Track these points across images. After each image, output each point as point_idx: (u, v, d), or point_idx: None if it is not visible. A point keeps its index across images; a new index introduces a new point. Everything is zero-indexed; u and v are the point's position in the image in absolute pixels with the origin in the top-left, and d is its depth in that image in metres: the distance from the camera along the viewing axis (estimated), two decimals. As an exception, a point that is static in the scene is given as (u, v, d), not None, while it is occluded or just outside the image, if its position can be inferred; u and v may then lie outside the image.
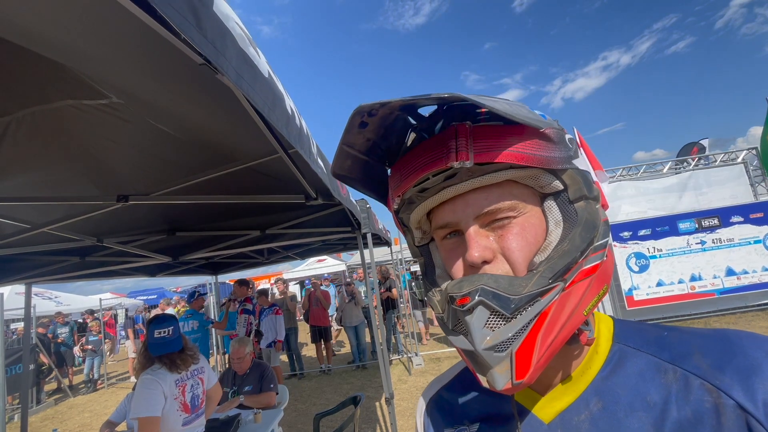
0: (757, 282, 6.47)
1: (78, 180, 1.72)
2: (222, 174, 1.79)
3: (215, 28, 0.58)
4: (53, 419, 6.65)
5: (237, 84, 0.67)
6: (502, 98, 0.43)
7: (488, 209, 0.41)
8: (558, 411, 0.44)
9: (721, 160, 8.02)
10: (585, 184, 0.42)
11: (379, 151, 0.47)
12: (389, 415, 3.19)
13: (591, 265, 0.40)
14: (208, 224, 2.97)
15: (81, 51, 0.84)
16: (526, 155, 0.39)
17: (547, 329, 0.38)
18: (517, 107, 0.40)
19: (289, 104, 0.98)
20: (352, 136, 0.43)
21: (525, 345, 0.37)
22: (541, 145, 0.40)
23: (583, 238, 0.40)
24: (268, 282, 13.73)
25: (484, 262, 0.41)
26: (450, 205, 0.43)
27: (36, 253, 2.61)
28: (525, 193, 0.42)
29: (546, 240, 0.41)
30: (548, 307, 0.38)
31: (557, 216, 0.42)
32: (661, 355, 0.43)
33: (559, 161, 0.41)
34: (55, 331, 9.01)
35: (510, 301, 0.37)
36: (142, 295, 16.82)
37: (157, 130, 1.36)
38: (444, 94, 0.35)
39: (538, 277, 0.38)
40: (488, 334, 0.38)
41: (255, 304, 5.80)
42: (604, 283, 0.43)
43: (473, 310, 0.39)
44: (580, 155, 0.44)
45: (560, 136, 0.42)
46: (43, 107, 1.18)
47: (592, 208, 0.42)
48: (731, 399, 0.37)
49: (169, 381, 2.09)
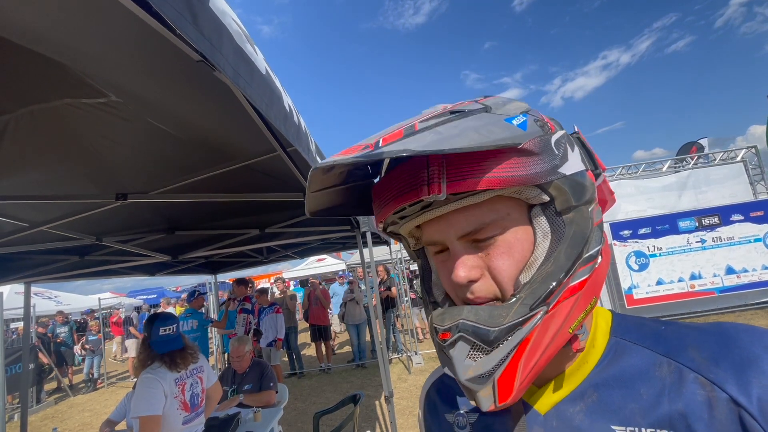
0: (757, 280, 6.47)
1: (77, 178, 1.72)
2: (221, 172, 1.80)
3: (211, 25, 0.58)
4: (53, 418, 6.66)
5: (234, 81, 0.67)
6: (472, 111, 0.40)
7: (470, 230, 0.41)
8: (554, 403, 0.45)
9: (720, 158, 8.02)
10: (573, 192, 0.40)
11: (358, 172, 0.46)
12: (389, 414, 3.20)
13: (578, 281, 0.40)
14: (208, 223, 2.97)
15: (79, 49, 0.84)
16: (502, 179, 0.37)
17: (530, 354, 0.38)
18: (489, 128, 0.37)
19: (287, 101, 0.98)
20: (318, 183, 0.42)
21: (507, 372, 0.38)
22: (519, 163, 0.37)
23: (569, 255, 0.39)
24: (268, 281, 13.73)
25: (470, 281, 0.41)
26: (434, 224, 0.43)
27: (35, 252, 2.61)
28: (510, 205, 0.41)
29: (533, 255, 0.40)
30: (530, 334, 0.38)
31: (545, 227, 0.41)
32: (657, 349, 0.42)
33: (542, 176, 0.38)
34: (54, 330, 9.01)
35: (489, 333, 0.38)
36: (142, 294, 16.84)
37: (156, 129, 1.36)
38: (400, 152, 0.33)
39: (519, 305, 0.38)
40: (470, 366, 0.39)
41: (254, 303, 5.81)
42: (593, 296, 0.42)
43: (455, 344, 0.40)
44: (569, 156, 0.41)
45: (543, 145, 0.39)
46: (42, 106, 1.18)
47: (583, 216, 0.41)
48: (724, 393, 0.36)
49: (169, 380, 2.09)
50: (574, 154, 0.43)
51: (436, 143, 0.34)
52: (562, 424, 0.43)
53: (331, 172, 0.41)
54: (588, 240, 0.41)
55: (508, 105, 0.42)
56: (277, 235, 3.54)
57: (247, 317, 5.61)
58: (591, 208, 0.42)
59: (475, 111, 0.40)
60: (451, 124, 0.38)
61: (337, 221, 3.30)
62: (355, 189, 0.48)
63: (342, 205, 0.48)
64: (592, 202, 0.43)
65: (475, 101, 0.43)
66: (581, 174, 0.42)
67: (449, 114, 0.40)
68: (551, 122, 0.44)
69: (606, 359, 0.44)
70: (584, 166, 0.44)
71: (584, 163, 0.44)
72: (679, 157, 8.61)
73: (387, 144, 0.35)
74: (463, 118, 0.39)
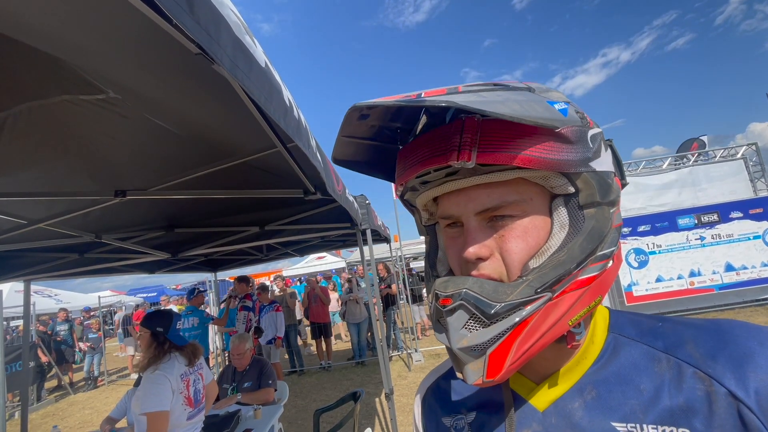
0: (756, 277, 6.47)
1: (75, 176, 1.71)
2: (220, 169, 1.79)
3: (209, 15, 0.57)
4: (54, 416, 6.66)
5: (232, 73, 0.66)
6: (516, 88, 0.40)
7: (490, 206, 0.40)
8: (552, 399, 0.45)
9: (720, 156, 8.02)
10: (600, 189, 0.40)
11: (388, 132, 0.46)
12: (389, 411, 3.20)
13: (587, 275, 0.39)
14: (207, 220, 2.97)
15: (76, 43, 0.83)
16: (534, 158, 0.36)
17: (525, 337, 0.38)
18: (531, 105, 0.37)
19: (287, 96, 0.98)
20: (351, 128, 0.42)
21: (500, 349, 0.38)
22: (554, 147, 0.37)
23: (583, 248, 0.39)
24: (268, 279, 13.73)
25: (479, 259, 0.41)
26: (454, 197, 0.43)
27: (34, 249, 2.60)
28: (533, 191, 0.40)
29: (546, 243, 0.40)
30: (530, 317, 0.37)
31: (564, 219, 0.40)
32: (655, 345, 0.43)
33: (573, 164, 0.38)
34: (54, 328, 9.02)
35: (491, 307, 0.38)
36: (142, 292, 16.82)
37: (155, 125, 1.35)
38: (441, 102, 0.33)
39: (524, 286, 0.38)
40: (465, 336, 0.39)
41: (255, 300, 5.81)
42: (599, 294, 0.41)
43: (454, 311, 0.40)
44: (602, 154, 0.41)
45: (579, 135, 0.39)
46: (40, 102, 1.17)
47: (604, 215, 0.41)
48: (723, 387, 0.37)
49: (176, 375, 2.11)
50: (606, 154, 0.42)
51: (480, 103, 0.34)
52: (561, 421, 0.43)
53: (366, 119, 0.41)
54: (604, 239, 0.40)
55: (551, 92, 0.43)
56: (277, 233, 3.53)
57: (247, 315, 5.61)
58: (613, 210, 0.42)
59: (519, 88, 0.41)
60: (496, 92, 0.37)
61: (337, 218, 3.30)
62: (380, 150, 0.48)
63: (366, 162, 0.49)
64: (615, 204, 0.43)
65: (518, 82, 0.43)
66: (610, 175, 0.42)
67: (493, 85, 0.40)
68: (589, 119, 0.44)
69: (605, 355, 0.44)
70: (613, 170, 0.43)
71: (614, 168, 0.44)
72: (680, 154, 8.61)
73: (429, 96, 0.35)
74: (508, 91, 0.39)
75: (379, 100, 0.35)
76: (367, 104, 0.36)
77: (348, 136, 0.43)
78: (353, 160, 0.48)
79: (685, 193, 7.76)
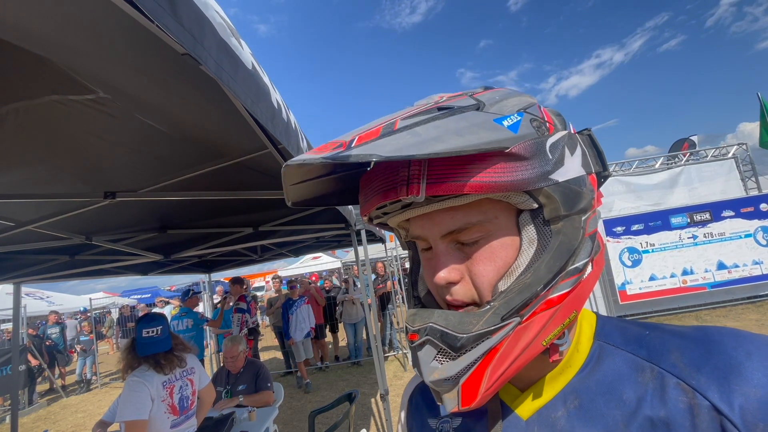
0: (748, 275, 6.54)
1: (64, 176, 1.69)
2: (212, 170, 1.78)
3: (192, 16, 0.56)
4: (46, 420, 6.59)
5: (216, 75, 0.65)
6: (462, 109, 0.38)
7: (454, 228, 0.40)
8: (536, 408, 0.44)
9: (711, 155, 8.11)
10: (565, 201, 0.38)
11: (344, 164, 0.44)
12: (384, 411, 3.20)
13: (558, 293, 0.38)
14: (200, 221, 2.95)
15: (64, 43, 0.82)
16: (485, 184, 0.35)
17: (497, 364, 0.37)
18: (473, 130, 0.34)
19: (275, 98, 0.97)
20: (296, 177, 0.41)
21: (472, 378, 0.37)
22: (506, 168, 0.35)
23: (551, 267, 0.38)
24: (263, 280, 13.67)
25: (449, 283, 0.41)
26: (419, 221, 0.42)
27: (23, 252, 2.57)
28: (498, 208, 0.39)
29: (515, 262, 0.39)
30: (499, 344, 0.37)
31: (532, 235, 0.39)
32: (640, 353, 0.42)
33: (529, 182, 0.36)
34: (45, 331, 8.92)
35: (457, 340, 0.37)
36: (136, 294, 16.68)
37: (145, 126, 1.34)
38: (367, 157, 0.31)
39: (491, 314, 0.37)
40: (436, 368, 0.39)
41: (249, 302, 5.78)
42: (573, 310, 0.40)
43: (422, 346, 0.40)
44: (566, 161, 0.39)
45: (535, 149, 0.37)
46: (28, 103, 1.15)
47: (573, 226, 0.39)
48: (706, 400, 0.35)
49: (156, 383, 2.04)
50: (573, 158, 0.40)
51: (410, 147, 0.32)
52: (544, 430, 0.42)
53: (303, 168, 0.40)
54: (575, 252, 0.39)
55: (506, 101, 0.40)
56: (271, 234, 3.52)
57: (242, 317, 5.58)
58: (585, 217, 0.40)
59: (465, 108, 0.38)
60: (433, 124, 0.36)
61: (331, 219, 3.29)
62: (343, 178, 0.47)
63: (327, 195, 0.47)
64: (587, 210, 0.41)
65: (472, 95, 0.41)
66: (578, 181, 0.40)
67: (436, 111, 0.38)
68: (553, 120, 0.42)
69: (589, 364, 0.43)
70: (586, 170, 0.41)
71: (588, 166, 0.42)
72: (671, 153, 8.69)
73: (359, 145, 0.33)
74: (449, 117, 0.37)
75: (308, 155, 0.34)
76: (297, 162, 0.35)
77: (299, 182, 0.42)
78: (314, 197, 0.46)
79: (677, 192, 7.84)
